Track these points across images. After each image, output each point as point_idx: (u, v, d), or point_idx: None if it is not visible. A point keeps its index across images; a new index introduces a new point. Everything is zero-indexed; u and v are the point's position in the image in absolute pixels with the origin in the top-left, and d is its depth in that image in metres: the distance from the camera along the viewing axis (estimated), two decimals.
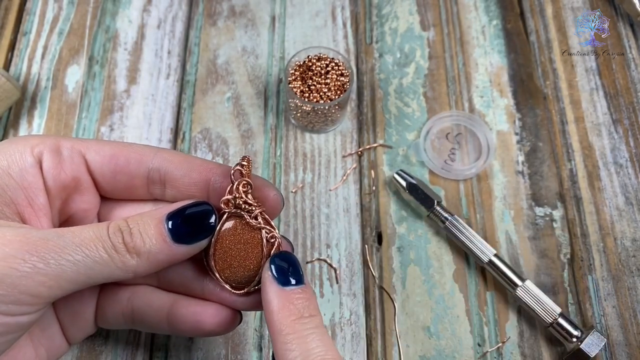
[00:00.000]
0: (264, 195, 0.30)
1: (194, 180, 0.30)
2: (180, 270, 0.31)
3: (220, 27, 0.52)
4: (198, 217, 0.28)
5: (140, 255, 0.26)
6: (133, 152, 0.30)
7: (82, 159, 0.29)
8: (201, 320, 0.30)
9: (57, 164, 0.28)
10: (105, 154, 0.29)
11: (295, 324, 0.26)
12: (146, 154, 0.30)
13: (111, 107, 0.48)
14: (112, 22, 0.52)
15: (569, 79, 0.49)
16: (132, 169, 0.29)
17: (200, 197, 0.30)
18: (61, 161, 0.28)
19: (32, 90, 0.49)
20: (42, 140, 0.28)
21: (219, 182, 0.30)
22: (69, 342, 0.31)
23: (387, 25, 0.52)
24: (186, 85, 0.49)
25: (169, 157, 0.30)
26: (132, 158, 0.29)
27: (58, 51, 0.50)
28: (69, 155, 0.29)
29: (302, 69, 0.45)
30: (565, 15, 0.52)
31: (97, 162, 0.29)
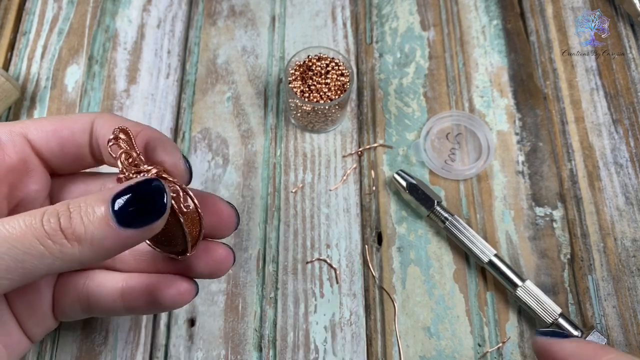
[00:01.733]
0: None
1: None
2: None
3: (220, 27, 0.52)
4: (146, 195, 0.24)
5: (81, 243, 0.23)
6: (74, 122, 0.29)
7: (24, 139, 0.28)
8: (155, 293, 0.29)
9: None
10: (47, 129, 0.29)
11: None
12: (85, 120, 0.29)
13: (111, 107, 0.48)
14: (111, 22, 0.52)
15: (569, 79, 0.49)
16: (77, 139, 0.29)
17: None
18: (2, 146, 0.28)
19: (32, 90, 0.49)
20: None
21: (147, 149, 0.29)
22: (30, 339, 0.30)
23: (387, 25, 0.52)
24: (186, 85, 0.49)
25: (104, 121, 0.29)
26: (74, 128, 0.29)
27: (58, 51, 0.50)
28: (9, 139, 0.28)
29: (302, 69, 0.45)
30: (566, 15, 0.52)
31: (42, 138, 0.29)
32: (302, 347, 0.40)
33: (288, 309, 0.41)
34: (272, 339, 0.40)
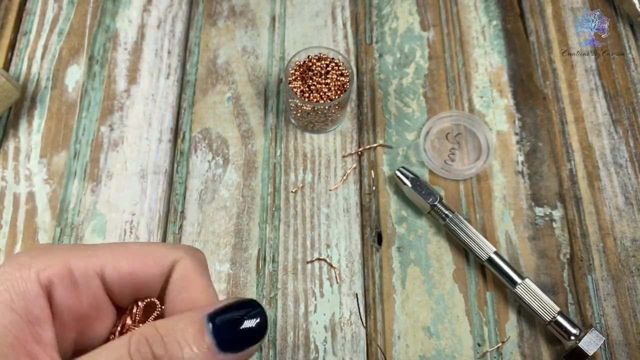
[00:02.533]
0: None
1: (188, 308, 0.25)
2: None
3: (221, 27, 0.52)
4: (250, 317, 0.22)
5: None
6: (152, 266, 0.24)
7: (99, 282, 0.24)
8: None
9: (71, 295, 0.23)
10: (123, 271, 0.24)
11: None
12: (165, 267, 0.25)
13: (111, 107, 0.48)
14: (112, 22, 0.52)
15: (568, 79, 0.49)
16: (151, 285, 0.25)
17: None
18: (76, 290, 0.23)
19: (32, 90, 0.49)
20: (49, 263, 0.23)
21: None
22: None
23: (387, 26, 0.52)
24: (186, 85, 0.49)
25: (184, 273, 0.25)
26: (150, 273, 0.25)
27: (58, 51, 0.50)
28: (84, 282, 0.24)
29: (302, 69, 0.45)
30: (565, 16, 0.52)
31: (115, 281, 0.24)
32: (302, 347, 0.40)
33: (288, 308, 0.41)
34: (272, 339, 0.40)
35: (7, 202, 0.44)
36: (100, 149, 0.46)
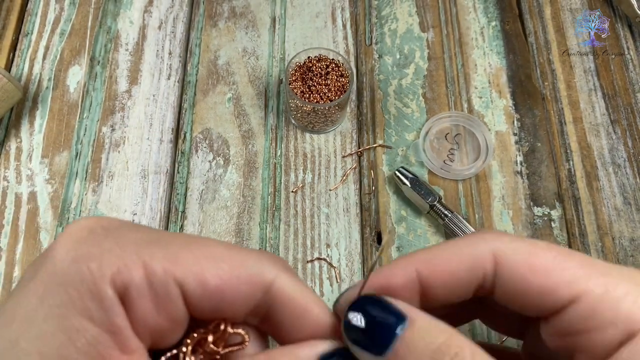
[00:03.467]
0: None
1: (304, 333, 0.22)
2: None
3: (221, 28, 0.52)
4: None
5: None
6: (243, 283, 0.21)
7: (179, 293, 0.20)
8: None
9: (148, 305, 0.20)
10: (209, 285, 0.20)
11: None
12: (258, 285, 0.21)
13: (112, 108, 0.48)
14: (113, 23, 0.52)
15: (567, 79, 0.50)
16: (237, 306, 0.21)
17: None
18: (154, 300, 0.20)
19: (34, 91, 0.49)
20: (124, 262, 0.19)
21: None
22: None
23: (387, 27, 0.52)
24: (187, 85, 0.50)
25: (284, 297, 0.22)
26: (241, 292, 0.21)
27: (59, 52, 0.51)
28: (164, 291, 0.20)
29: (303, 70, 0.45)
30: (564, 17, 0.52)
31: (198, 296, 0.20)
32: None
33: None
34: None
35: (9, 202, 0.45)
36: (101, 149, 0.47)
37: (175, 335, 0.22)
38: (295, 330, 0.22)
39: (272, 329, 0.23)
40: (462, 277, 0.21)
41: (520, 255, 0.21)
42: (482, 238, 0.21)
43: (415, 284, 0.22)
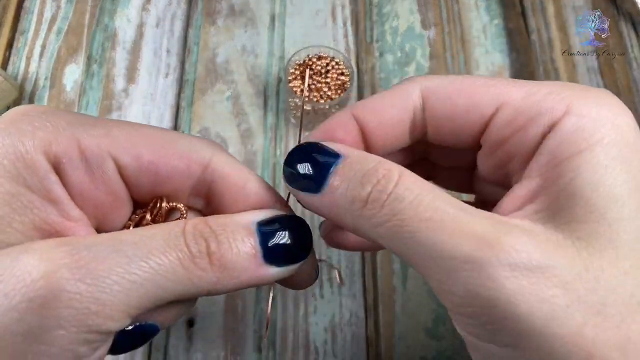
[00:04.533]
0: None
1: (245, 209, 0.23)
2: None
3: (220, 26, 0.52)
4: (295, 231, 0.21)
5: (223, 272, 0.20)
6: (178, 159, 0.22)
7: (114, 167, 0.21)
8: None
9: (84, 177, 0.21)
10: (144, 160, 0.21)
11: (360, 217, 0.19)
12: (196, 160, 0.22)
13: (110, 107, 0.48)
14: (110, 21, 0.52)
15: (570, 78, 0.49)
16: (175, 182, 0.22)
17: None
18: (88, 172, 0.21)
19: (30, 90, 0.48)
20: (56, 137, 0.20)
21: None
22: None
23: (388, 24, 0.52)
24: (185, 84, 0.49)
25: (223, 173, 0.22)
26: (176, 168, 0.22)
27: (56, 50, 0.50)
28: (97, 164, 0.21)
29: (302, 68, 0.44)
30: (567, 15, 0.52)
31: (134, 168, 0.21)
32: (302, 349, 0.39)
33: (288, 309, 0.41)
34: (272, 340, 0.40)
35: None
36: None
37: (120, 216, 0.22)
38: (235, 207, 0.23)
39: (215, 211, 0.23)
40: (395, 114, 0.22)
41: (446, 83, 0.21)
42: (412, 79, 0.22)
43: (356, 132, 0.23)
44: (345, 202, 0.19)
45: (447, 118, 0.21)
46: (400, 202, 0.18)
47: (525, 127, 0.19)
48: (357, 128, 0.23)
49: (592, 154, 0.17)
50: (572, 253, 0.16)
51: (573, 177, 0.17)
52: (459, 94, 0.21)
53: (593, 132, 0.18)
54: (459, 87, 0.21)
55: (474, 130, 0.21)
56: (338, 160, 0.20)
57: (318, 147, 0.21)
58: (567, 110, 0.19)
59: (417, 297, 0.41)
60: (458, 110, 0.21)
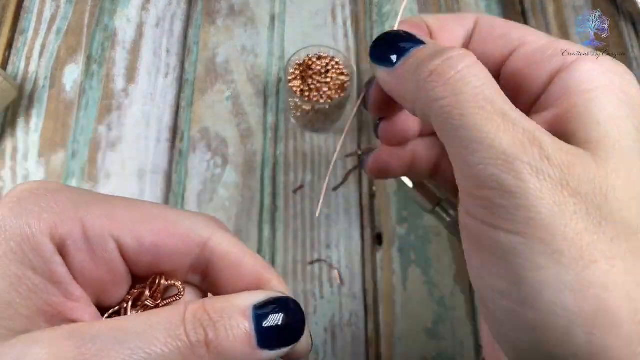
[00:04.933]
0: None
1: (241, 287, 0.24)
2: None
3: (220, 26, 0.51)
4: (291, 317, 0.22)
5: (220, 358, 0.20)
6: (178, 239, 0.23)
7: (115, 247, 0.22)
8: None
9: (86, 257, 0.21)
10: (145, 241, 0.22)
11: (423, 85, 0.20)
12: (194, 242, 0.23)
13: (109, 106, 0.48)
14: (110, 21, 0.52)
15: None
16: (174, 261, 0.23)
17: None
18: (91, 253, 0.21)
19: (30, 90, 0.48)
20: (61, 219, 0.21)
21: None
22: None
23: (388, 24, 0.52)
24: (185, 84, 0.49)
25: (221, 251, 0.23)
26: (176, 248, 0.23)
27: (56, 50, 0.50)
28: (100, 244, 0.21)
29: (302, 68, 0.44)
30: (567, 15, 0.52)
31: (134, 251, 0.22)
32: None
33: None
34: None
35: None
36: (98, 148, 0.46)
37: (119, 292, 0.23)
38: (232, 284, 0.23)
39: (212, 287, 0.24)
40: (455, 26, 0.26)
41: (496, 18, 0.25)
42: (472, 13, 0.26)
43: (427, 33, 0.25)
44: (413, 73, 0.21)
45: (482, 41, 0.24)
46: (465, 84, 0.19)
47: (540, 63, 0.22)
48: (427, 31, 0.25)
49: (605, 92, 0.20)
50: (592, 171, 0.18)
51: (589, 106, 0.19)
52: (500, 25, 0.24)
53: (604, 76, 0.20)
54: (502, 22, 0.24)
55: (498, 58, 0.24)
56: (420, 44, 0.22)
57: (406, 34, 0.23)
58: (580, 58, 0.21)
59: (417, 297, 0.41)
60: (492, 37, 0.24)
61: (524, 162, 0.18)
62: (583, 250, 0.17)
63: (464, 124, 0.19)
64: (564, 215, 0.17)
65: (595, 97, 0.19)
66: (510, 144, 0.18)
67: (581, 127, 0.19)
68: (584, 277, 0.17)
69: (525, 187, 0.18)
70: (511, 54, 0.23)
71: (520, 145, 0.18)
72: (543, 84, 0.21)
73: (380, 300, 0.41)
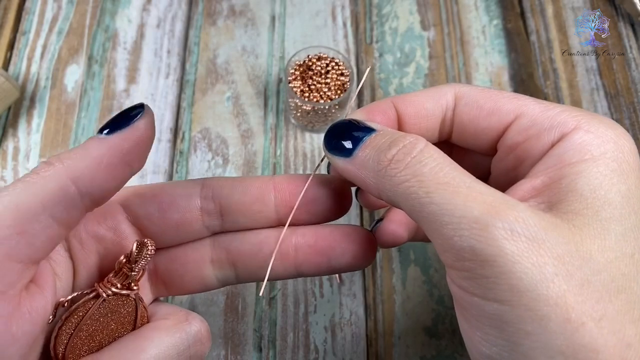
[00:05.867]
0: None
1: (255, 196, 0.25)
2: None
3: (220, 27, 0.52)
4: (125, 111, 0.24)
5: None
6: (177, 188, 0.26)
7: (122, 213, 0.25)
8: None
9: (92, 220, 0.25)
10: (146, 195, 0.25)
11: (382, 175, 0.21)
12: (191, 187, 0.26)
13: (110, 107, 0.48)
14: (111, 22, 0.52)
15: (569, 78, 0.49)
16: (181, 204, 0.25)
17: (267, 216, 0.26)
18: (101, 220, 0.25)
19: (31, 90, 0.48)
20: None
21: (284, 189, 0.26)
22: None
23: (388, 25, 0.52)
24: (186, 84, 0.49)
25: (218, 183, 0.26)
26: (176, 194, 0.25)
27: (57, 50, 0.50)
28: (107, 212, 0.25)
29: (302, 69, 0.45)
30: (566, 15, 0.52)
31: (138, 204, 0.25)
32: (302, 348, 0.40)
33: (288, 309, 0.41)
34: (272, 339, 0.40)
35: None
36: None
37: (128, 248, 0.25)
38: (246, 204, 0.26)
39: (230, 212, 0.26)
40: (430, 109, 0.25)
41: (477, 90, 0.24)
42: (448, 84, 0.25)
43: (394, 118, 0.25)
44: (372, 162, 0.21)
45: (472, 119, 0.24)
46: (423, 166, 0.20)
47: (538, 136, 0.22)
48: (395, 115, 0.25)
49: (595, 164, 0.20)
50: (566, 234, 0.18)
51: (575, 178, 0.20)
52: (486, 99, 0.24)
53: (597, 146, 0.20)
54: (487, 95, 0.24)
55: (493, 133, 0.24)
56: (372, 132, 0.23)
57: (357, 123, 0.24)
58: (576, 126, 0.21)
59: (417, 297, 0.41)
60: (482, 114, 0.24)
61: (498, 227, 0.18)
62: (569, 312, 0.17)
63: (433, 199, 0.19)
64: (545, 278, 0.17)
65: (583, 169, 0.20)
66: (481, 210, 0.18)
67: (564, 199, 0.20)
68: (574, 341, 0.17)
69: (502, 254, 0.17)
70: (506, 129, 0.23)
71: (492, 209, 0.18)
72: (540, 155, 0.22)
73: (380, 300, 0.41)
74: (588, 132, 0.21)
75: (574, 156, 0.20)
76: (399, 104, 0.25)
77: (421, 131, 0.25)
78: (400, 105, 0.25)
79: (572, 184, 0.20)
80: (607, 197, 0.19)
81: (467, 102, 0.24)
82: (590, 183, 0.19)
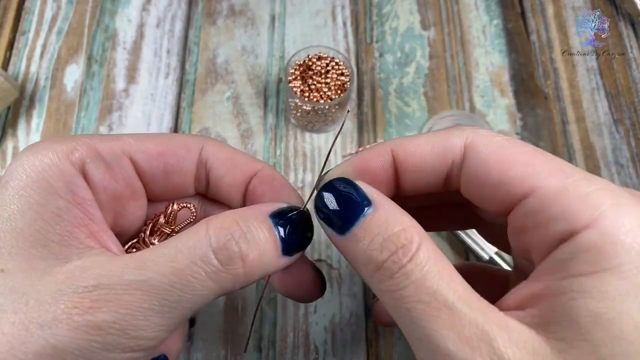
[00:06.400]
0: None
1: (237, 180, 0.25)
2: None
3: (220, 27, 0.52)
4: (302, 224, 0.23)
5: (246, 267, 0.21)
6: (180, 147, 0.25)
7: (129, 162, 0.24)
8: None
9: (105, 173, 0.23)
10: (152, 152, 0.25)
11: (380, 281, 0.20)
12: (193, 147, 0.25)
13: (110, 107, 0.48)
14: (111, 22, 0.52)
15: (569, 78, 0.49)
16: (183, 167, 0.25)
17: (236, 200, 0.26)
18: (109, 169, 0.23)
19: (31, 90, 0.48)
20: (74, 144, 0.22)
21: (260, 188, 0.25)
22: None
23: (388, 25, 0.52)
24: (185, 84, 0.49)
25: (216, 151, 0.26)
26: (180, 154, 0.25)
27: (57, 50, 0.50)
28: (115, 161, 0.24)
29: (302, 69, 0.44)
30: (566, 15, 0.52)
31: (145, 162, 0.25)
32: (301, 348, 0.39)
33: (288, 309, 0.41)
34: (272, 340, 0.40)
35: None
36: None
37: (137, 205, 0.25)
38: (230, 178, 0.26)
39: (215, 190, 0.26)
40: (433, 162, 0.22)
41: (490, 146, 0.21)
42: (460, 129, 0.22)
43: (390, 168, 0.23)
44: (364, 259, 0.20)
45: (479, 186, 0.21)
46: (407, 277, 0.19)
47: (546, 225, 0.18)
48: (392, 164, 0.23)
49: (602, 281, 0.17)
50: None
51: (575, 298, 0.17)
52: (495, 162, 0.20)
53: (611, 255, 0.17)
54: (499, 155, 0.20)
55: (501, 208, 0.21)
56: (368, 209, 0.21)
57: (354, 187, 0.22)
58: (592, 222, 0.17)
59: None
60: (490, 181, 0.20)
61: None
62: None
63: (412, 318, 0.18)
64: None
65: (588, 288, 0.17)
66: (455, 344, 0.17)
67: (559, 321, 0.17)
68: None
69: None
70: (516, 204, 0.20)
71: (467, 343, 0.17)
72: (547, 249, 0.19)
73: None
74: (603, 234, 0.17)
75: (579, 267, 0.17)
76: (398, 152, 0.23)
77: (421, 183, 0.23)
78: (399, 154, 0.23)
79: (571, 306, 0.17)
80: (612, 328, 0.16)
81: (475, 162, 0.21)
82: (593, 309, 0.16)
